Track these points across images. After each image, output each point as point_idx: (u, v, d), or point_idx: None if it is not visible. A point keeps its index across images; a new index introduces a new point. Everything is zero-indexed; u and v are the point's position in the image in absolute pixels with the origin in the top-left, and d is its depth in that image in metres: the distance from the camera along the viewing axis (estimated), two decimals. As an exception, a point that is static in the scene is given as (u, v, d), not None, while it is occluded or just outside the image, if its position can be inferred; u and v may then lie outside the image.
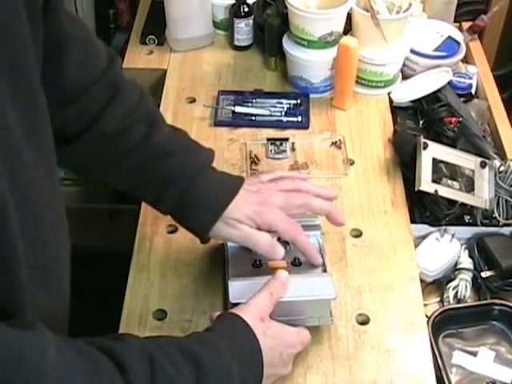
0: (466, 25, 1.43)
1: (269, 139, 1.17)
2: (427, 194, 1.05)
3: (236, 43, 1.38)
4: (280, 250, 0.87)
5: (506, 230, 1.06)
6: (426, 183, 1.05)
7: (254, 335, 0.75)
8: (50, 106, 0.75)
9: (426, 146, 1.07)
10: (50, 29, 0.75)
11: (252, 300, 0.79)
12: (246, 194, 0.88)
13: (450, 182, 1.08)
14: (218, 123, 1.21)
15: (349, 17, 1.24)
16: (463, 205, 1.06)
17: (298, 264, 0.90)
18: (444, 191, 1.05)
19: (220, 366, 0.70)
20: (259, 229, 0.87)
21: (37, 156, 0.66)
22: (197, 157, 0.90)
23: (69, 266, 0.75)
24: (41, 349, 0.57)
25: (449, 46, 1.33)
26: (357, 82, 1.26)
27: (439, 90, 1.21)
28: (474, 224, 1.06)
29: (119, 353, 0.65)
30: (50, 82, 0.76)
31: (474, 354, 0.93)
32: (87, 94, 0.86)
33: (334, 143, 1.18)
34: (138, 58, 1.38)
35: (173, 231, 1.02)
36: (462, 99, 1.23)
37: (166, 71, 1.34)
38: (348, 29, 1.26)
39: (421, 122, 1.22)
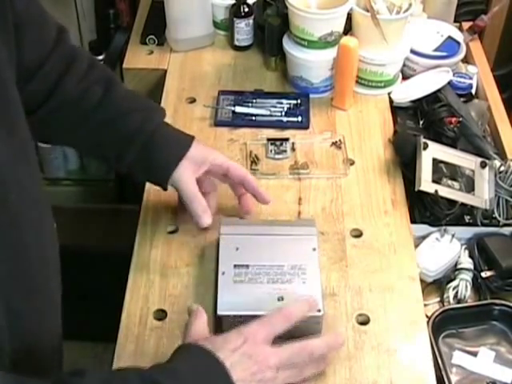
0: (466, 25, 1.43)
1: (269, 139, 1.17)
2: (427, 194, 1.05)
3: (236, 43, 1.38)
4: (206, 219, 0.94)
5: (506, 230, 1.06)
6: (426, 183, 1.05)
7: (214, 355, 0.72)
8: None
9: (426, 146, 1.07)
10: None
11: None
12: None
13: (450, 182, 1.08)
14: (218, 123, 1.21)
15: (349, 17, 1.24)
16: (463, 205, 1.06)
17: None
18: (444, 191, 1.05)
19: None
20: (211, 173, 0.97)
21: (16, 154, 0.66)
22: (153, 114, 0.96)
23: (57, 265, 0.75)
24: None
25: (449, 46, 1.33)
26: (357, 82, 1.26)
27: (439, 90, 1.21)
28: (474, 224, 1.07)
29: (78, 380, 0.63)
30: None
31: (474, 354, 0.93)
32: (44, 67, 0.89)
33: (334, 143, 1.18)
34: (138, 58, 1.38)
35: (173, 231, 1.02)
36: (462, 99, 1.23)
37: (166, 71, 1.34)
38: (348, 29, 1.26)
39: (421, 122, 1.22)
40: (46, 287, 0.74)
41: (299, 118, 1.22)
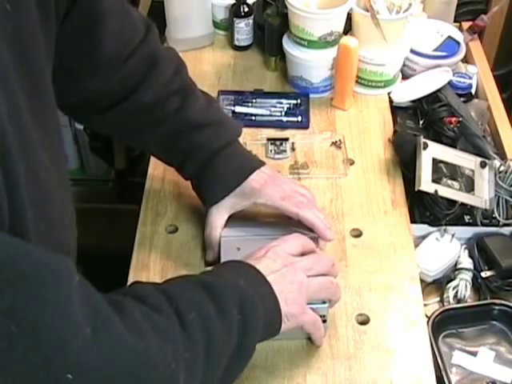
0: (466, 25, 1.43)
1: (269, 139, 1.17)
2: (427, 193, 1.05)
3: (236, 43, 1.38)
4: None
5: (505, 230, 1.06)
6: (425, 183, 1.05)
7: (247, 263, 0.79)
8: (90, 77, 0.83)
9: (425, 146, 1.07)
10: (82, 2, 0.78)
11: None
12: (258, 173, 0.96)
13: (449, 181, 1.08)
14: (217, 123, 1.21)
15: (349, 17, 1.24)
16: (463, 205, 1.06)
17: None
18: (444, 191, 1.05)
19: (227, 284, 0.73)
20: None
21: (41, 140, 0.67)
22: (223, 132, 0.96)
23: (75, 248, 0.76)
24: (69, 272, 0.58)
25: (449, 46, 1.33)
26: (357, 81, 1.26)
27: (439, 90, 1.21)
28: (474, 224, 1.07)
29: (133, 290, 0.70)
30: (87, 55, 0.82)
31: (474, 353, 0.93)
32: (126, 66, 0.88)
33: (333, 143, 1.18)
34: (138, 58, 1.38)
35: (173, 231, 1.02)
36: (461, 99, 1.23)
37: (165, 71, 1.34)
38: (348, 29, 1.26)
39: (421, 122, 1.22)
40: None
41: (299, 118, 1.22)
